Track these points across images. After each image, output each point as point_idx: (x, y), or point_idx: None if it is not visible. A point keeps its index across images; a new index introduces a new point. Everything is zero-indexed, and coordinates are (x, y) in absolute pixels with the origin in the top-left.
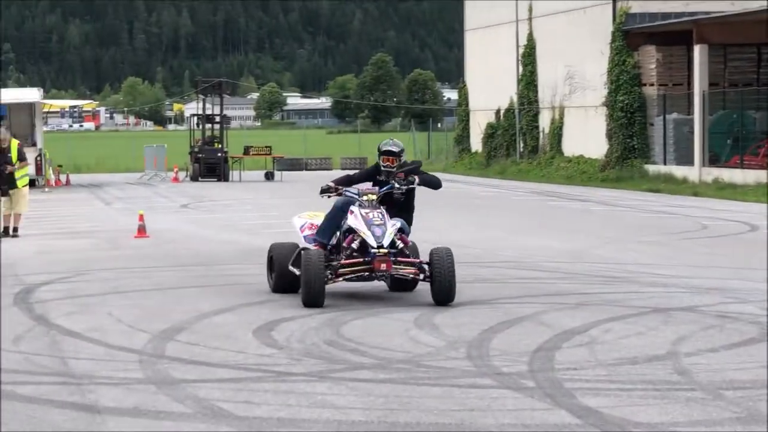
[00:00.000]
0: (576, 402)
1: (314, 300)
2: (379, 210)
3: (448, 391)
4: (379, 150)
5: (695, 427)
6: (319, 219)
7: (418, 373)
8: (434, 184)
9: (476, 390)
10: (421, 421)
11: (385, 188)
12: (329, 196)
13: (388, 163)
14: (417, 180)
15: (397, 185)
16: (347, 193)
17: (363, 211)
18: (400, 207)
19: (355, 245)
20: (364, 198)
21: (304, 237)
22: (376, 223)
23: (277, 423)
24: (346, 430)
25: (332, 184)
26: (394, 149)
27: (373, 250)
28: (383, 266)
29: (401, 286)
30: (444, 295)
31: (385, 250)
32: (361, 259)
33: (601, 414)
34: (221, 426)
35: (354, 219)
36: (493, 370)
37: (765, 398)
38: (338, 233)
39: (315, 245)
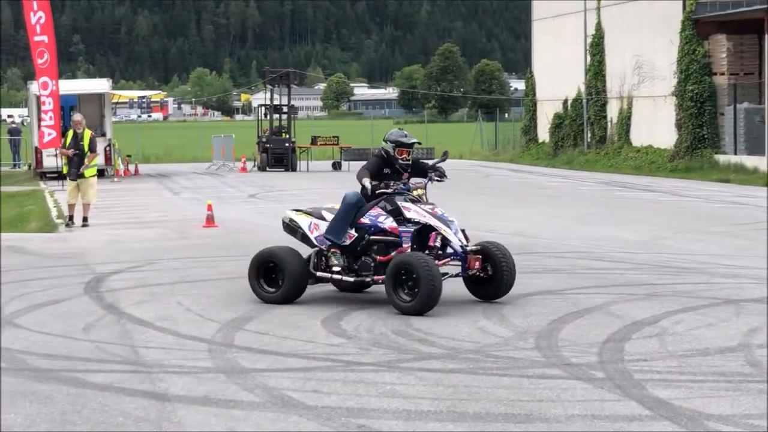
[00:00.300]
0: (646, 393)
1: (434, 305)
2: (434, 205)
3: (516, 382)
4: (393, 141)
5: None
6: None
7: (486, 364)
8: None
9: (545, 380)
10: (490, 411)
11: (426, 181)
12: (386, 192)
13: (404, 155)
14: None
15: (437, 178)
16: (401, 189)
17: (425, 207)
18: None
19: (437, 243)
20: (415, 193)
21: (315, 238)
22: (449, 219)
23: (345, 412)
24: (415, 419)
25: (371, 183)
26: (412, 141)
27: (458, 248)
28: (477, 264)
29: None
30: (504, 290)
31: (469, 248)
32: (451, 258)
33: (671, 405)
34: (291, 415)
35: (419, 215)
36: (562, 361)
37: None
38: (351, 230)
39: (326, 246)
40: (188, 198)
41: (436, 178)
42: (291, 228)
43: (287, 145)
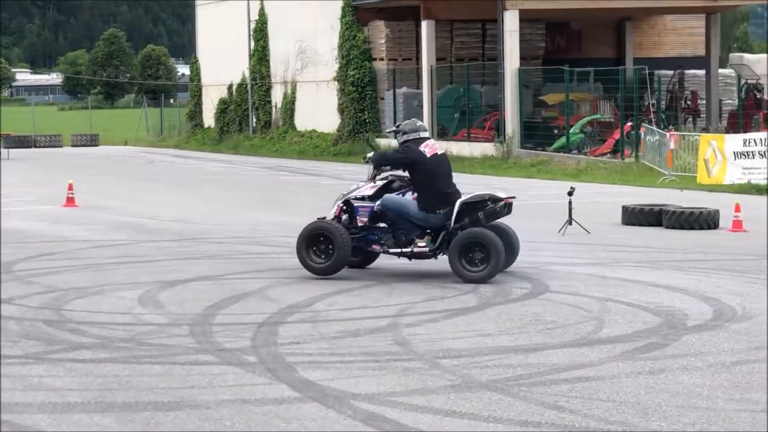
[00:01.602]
0: (297, 376)
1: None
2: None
3: (168, 369)
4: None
5: (411, 396)
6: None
7: (139, 352)
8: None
9: (198, 367)
10: (140, 400)
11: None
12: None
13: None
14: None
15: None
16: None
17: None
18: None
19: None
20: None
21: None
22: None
23: None
24: (62, 412)
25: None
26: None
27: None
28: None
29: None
30: None
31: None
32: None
33: (320, 387)
34: None
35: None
36: (215, 347)
37: (479, 365)
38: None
39: None
40: None
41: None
42: None
43: None
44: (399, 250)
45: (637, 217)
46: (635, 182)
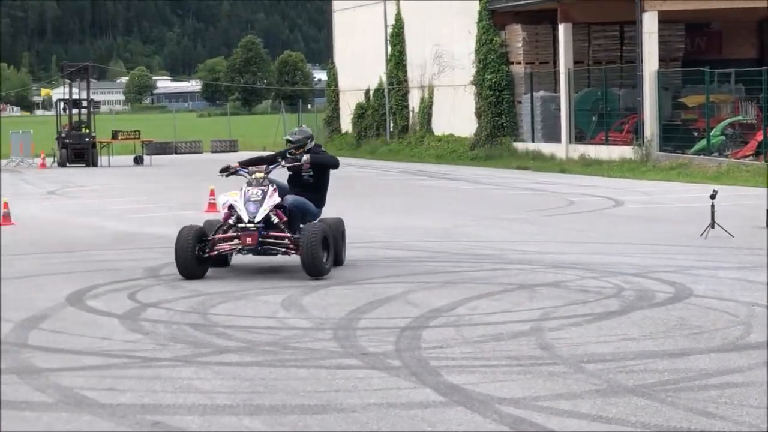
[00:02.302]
0: (441, 380)
1: (187, 272)
2: (261, 187)
3: (314, 373)
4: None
5: (556, 400)
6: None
7: (284, 356)
8: (327, 163)
9: (342, 371)
10: (287, 403)
11: (273, 166)
12: (227, 175)
13: (294, 151)
14: (305, 158)
15: (283, 163)
16: (240, 172)
17: (246, 188)
18: (310, 188)
19: (231, 221)
20: (253, 176)
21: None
22: (253, 199)
23: (140, 409)
24: (211, 414)
25: (232, 165)
26: (291, 138)
27: (241, 225)
28: (249, 240)
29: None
30: (308, 267)
31: (253, 225)
32: (232, 234)
33: (465, 391)
34: (84, 414)
35: (236, 196)
36: (359, 351)
37: (624, 370)
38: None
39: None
40: None
41: (284, 164)
42: None
43: (87, 140)
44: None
45: None
46: None
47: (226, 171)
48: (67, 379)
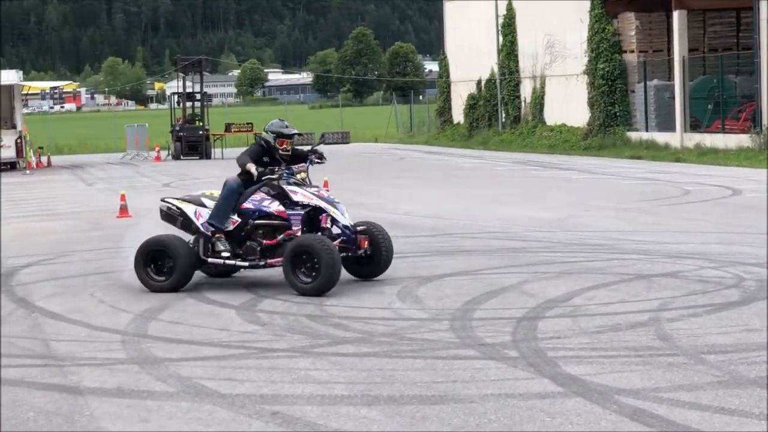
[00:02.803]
0: (559, 370)
1: (333, 286)
2: (315, 187)
3: (431, 364)
4: (273, 132)
5: (677, 391)
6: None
7: (401, 346)
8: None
9: (459, 361)
10: (405, 394)
11: (308, 164)
12: (272, 178)
13: (284, 145)
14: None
15: (317, 160)
16: (286, 173)
17: (310, 190)
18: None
19: (328, 224)
20: (299, 176)
21: (201, 225)
22: (335, 200)
23: (260, 399)
24: (329, 404)
25: (257, 169)
26: (292, 132)
27: (348, 229)
28: (366, 243)
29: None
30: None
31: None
32: (344, 239)
33: (583, 381)
34: (204, 404)
35: (307, 198)
36: (476, 341)
37: (746, 361)
38: (233, 216)
39: (210, 232)
40: (102, 189)
41: (316, 160)
42: (170, 216)
43: (201, 132)
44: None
45: None
46: None
47: (269, 174)
48: (186, 369)
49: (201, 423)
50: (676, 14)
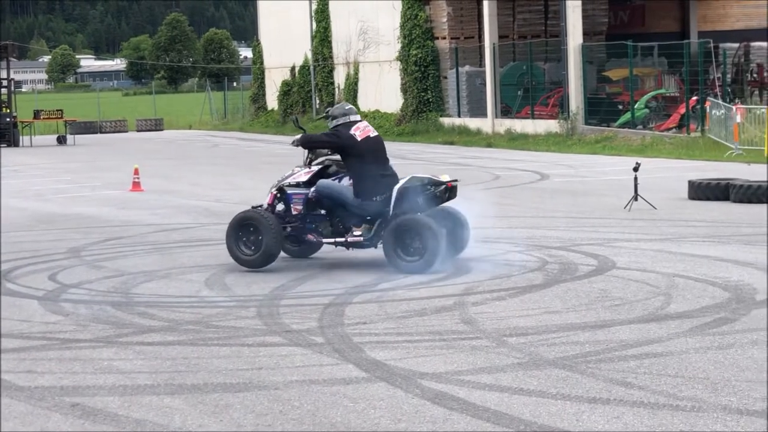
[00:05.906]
0: (364, 356)
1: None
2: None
3: (236, 351)
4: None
5: (478, 374)
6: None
7: (207, 334)
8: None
9: (265, 348)
10: (209, 382)
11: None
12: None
13: None
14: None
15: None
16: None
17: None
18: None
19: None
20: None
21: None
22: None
23: (59, 391)
24: (132, 394)
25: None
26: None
27: None
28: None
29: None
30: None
31: None
32: None
33: (387, 366)
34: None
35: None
36: (282, 328)
37: (546, 343)
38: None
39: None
40: None
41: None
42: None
43: (8, 120)
44: (333, 240)
45: (704, 191)
46: (701, 157)
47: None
48: None
49: None
50: (486, 2)
